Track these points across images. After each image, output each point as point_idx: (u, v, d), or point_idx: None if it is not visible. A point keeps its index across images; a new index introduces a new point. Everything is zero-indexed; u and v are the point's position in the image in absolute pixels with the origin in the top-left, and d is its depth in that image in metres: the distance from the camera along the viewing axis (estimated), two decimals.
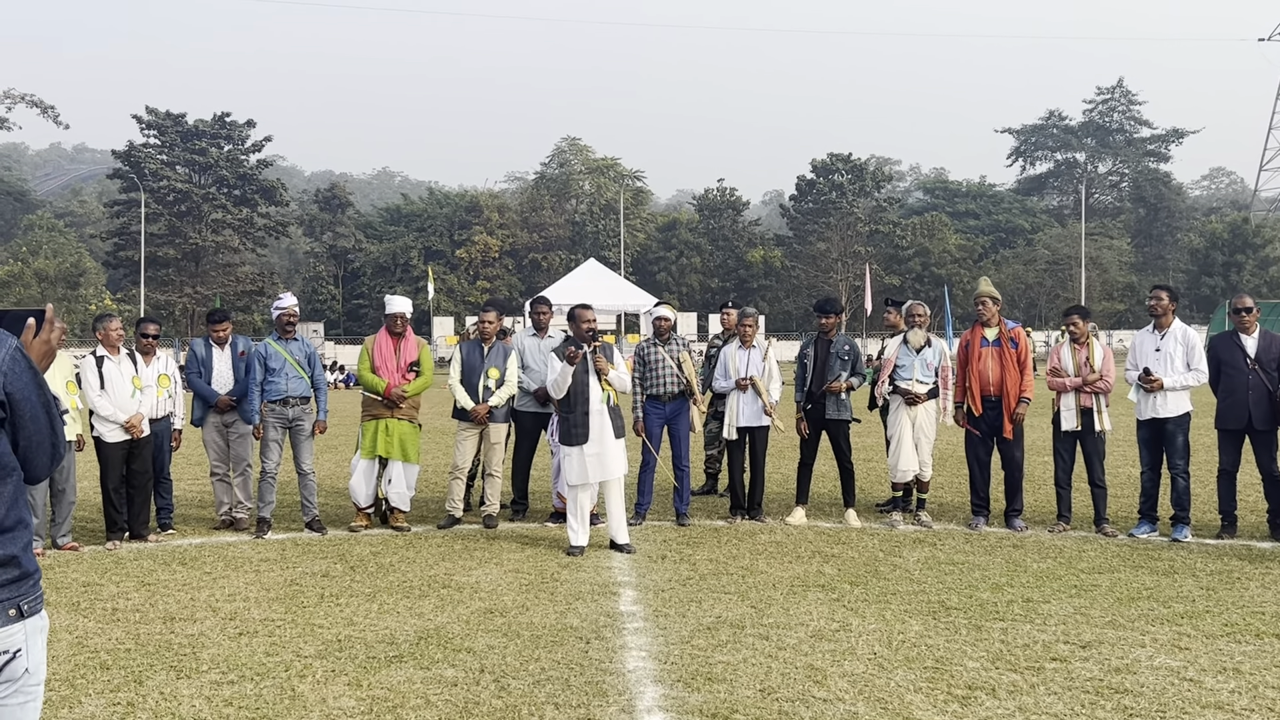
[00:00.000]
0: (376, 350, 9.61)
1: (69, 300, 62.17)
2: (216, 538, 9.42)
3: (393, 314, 9.76)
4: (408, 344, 9.72)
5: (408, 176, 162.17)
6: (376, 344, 9.66)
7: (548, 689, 5.25)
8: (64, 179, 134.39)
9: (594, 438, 8.59)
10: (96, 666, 5.69)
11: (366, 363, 9.60)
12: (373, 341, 9.68)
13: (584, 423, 8.59)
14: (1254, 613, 6.62)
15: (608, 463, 8.63)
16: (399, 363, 9.60)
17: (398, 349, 9.65)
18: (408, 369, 9.62)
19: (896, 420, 9.68)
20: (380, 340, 9.68)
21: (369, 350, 9.63)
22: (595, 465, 8.60)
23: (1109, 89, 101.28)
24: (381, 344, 9.65)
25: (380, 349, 9.62)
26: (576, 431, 8.61)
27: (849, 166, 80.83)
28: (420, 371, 9.72)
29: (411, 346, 9.73)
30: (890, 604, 6.87)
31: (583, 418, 8.60)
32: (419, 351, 9.77)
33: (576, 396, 8.62)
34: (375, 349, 9.62)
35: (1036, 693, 5.17)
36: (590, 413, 8.61)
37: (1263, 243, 77.52)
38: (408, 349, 9.69)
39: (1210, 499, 9.69)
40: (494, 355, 9.85)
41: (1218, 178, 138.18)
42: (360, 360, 9.69)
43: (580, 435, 8.59)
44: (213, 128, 71.65)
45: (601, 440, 8.60)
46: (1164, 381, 9.00)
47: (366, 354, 9.63)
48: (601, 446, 8.60)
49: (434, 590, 7.31)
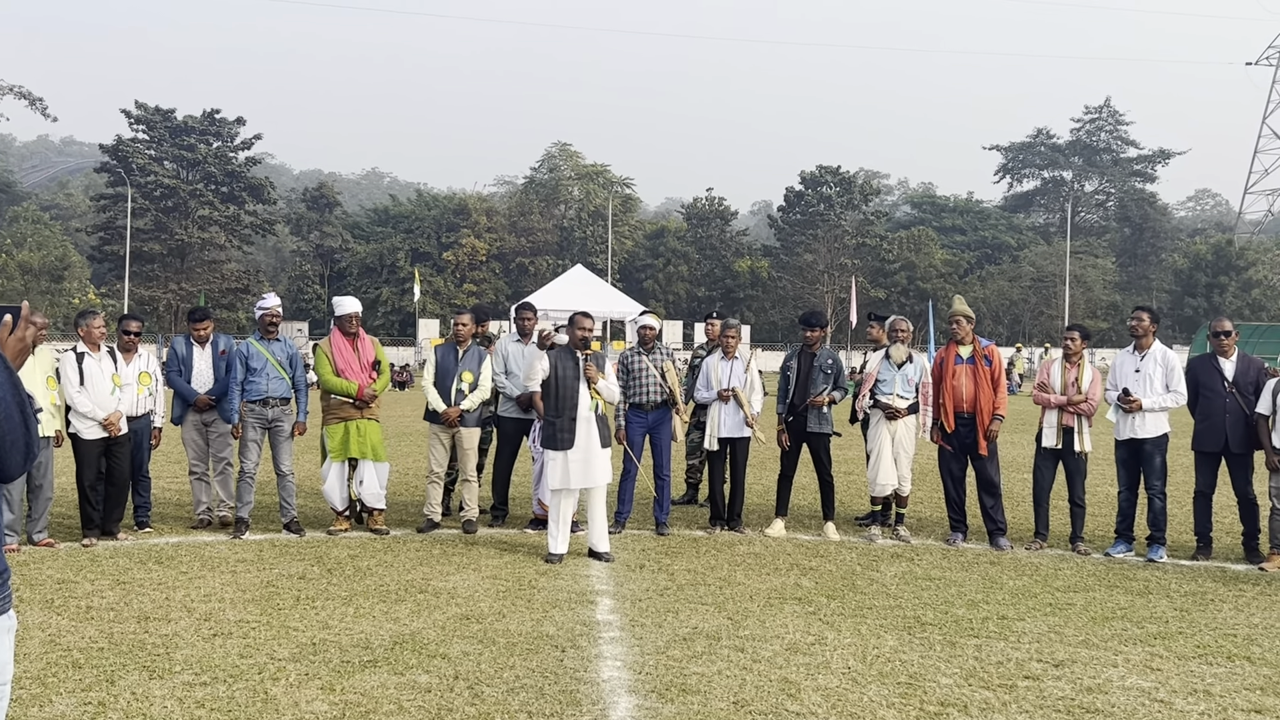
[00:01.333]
0: (336, 353, 9.55)
1: (53, 294, 61.82)
2: (193, 537, 9.38)
3: (347, 314, 9.70)
4: (363, 343, 9.70)
5: (396, 177, 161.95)
6: (334, 347, 9.58)
7: (521, 697, 5.25)
8: (50, 171, 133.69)
9: (580, 444, 8.59)
10: (69, 665, 5.66)
11: (328, 366, 9.52)
12: (329, 345, 9.60)
13: (570, 428, 8.60)
14: (1226, 635, 6.66)
15: (592, 470, 8.63)
16: (361, 363, 9.58)
17: (356, 349, 9.62)
18: (371, 368, 9.61)
19: (876, 435, 9.71)
20: (337, 343, 9.61)
21: (328, 354, 9.55)
22: (579, 471, 8.60)
23: (1097, 109, 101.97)
24: (340, 346, 9.59)
25: (340, 351, 9.56)
26: (563, 436, 8.61)
27: (837, 179, 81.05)
28: (382, 370, 9.71)
29: (368, 345, 9.71)
30: (866, 618, 6.89)
31: (570, 423, 8.60)
32: (375, 350, 9.76)
33: (565, 402, 8.63)
34: (335, 352, 9.55)
35: (1008, 710, 5.19)
36: (578, 419, 8.61)
37: (1246, 265, 77.96)
38: (365, 348, 9.67)
39: (1186, 520, 9.74)
40: (468, 359, 9.85)
41: (1203, 199, 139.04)
42: (319, 365, 9.57)
43: (566, 440, 8.59)
44: (202, 124, 71.39)
45: (587, 447, 8.61)
46: (1143, 402, 9.06)
47: (326, 358, 9.54)
48: (587, 453, 8.61)
49: (410, 595, 7.30)
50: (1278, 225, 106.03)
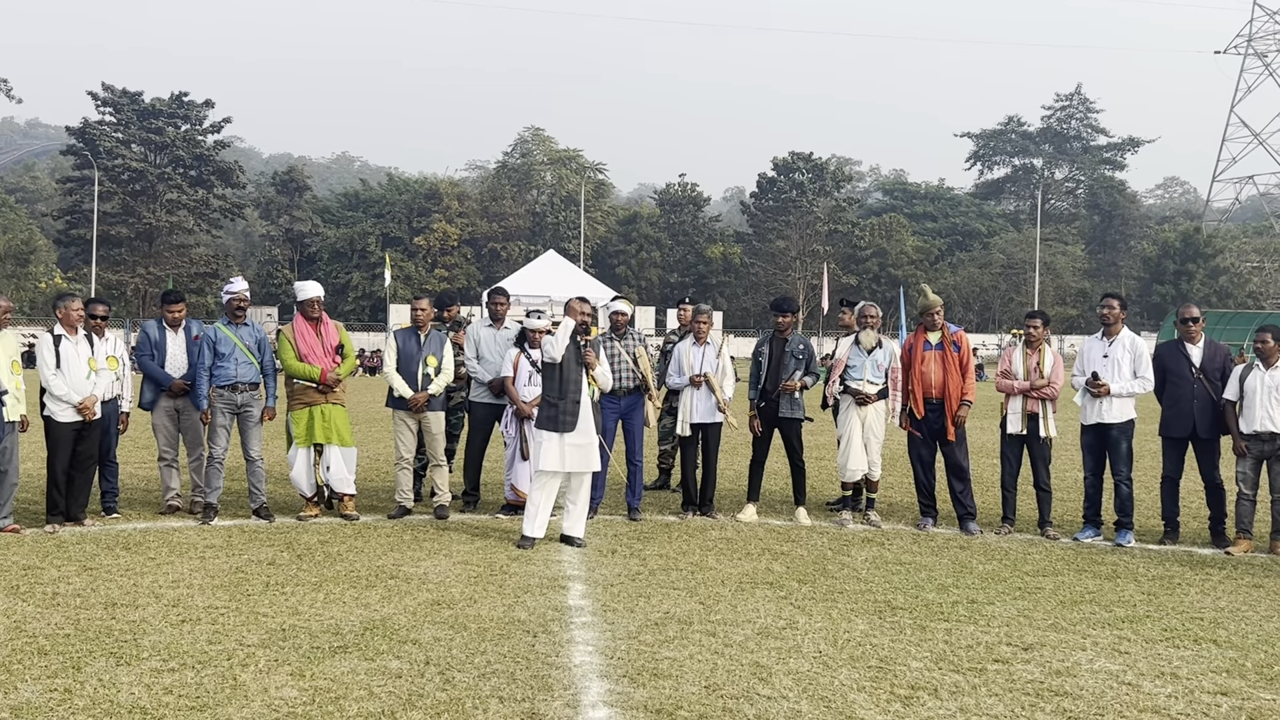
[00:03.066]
0: (299, 338, 9.48)
1: (18, 278, 61.09)
2: (161, 523, 9.30)
3: (309, 299, 9.63)
4: (327, 328, 9.64)
5: (367, 162, 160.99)
6: (297, 332, 9.52)
7: (493, 682, 5.24)
8: (16, 154, 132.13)
9: (581, 428, 8.57)
10: (34, 652, 5.60)
11: (291, 352, 9.45)
12: (292, 330, 9.54)
13: (574, 411, 8.55)
14: (1193, 618, 6.73)
15: (589, 455, 8.61)
16: (325, 347, 9.52)
17: (319, 334, 9.56)
18: (335, 352, 9.56)
19: (846, 420, 9.74)
20: (300, 328, 9.55)
21: (291, 340, 9.48)
22: (574, 455, 8.56)
23: (1067, 96, 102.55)
24: (303, 331, 9.53)
25: (303, 336, 9.50)
26: (565, 419, 8.53)
27: (810, 165, 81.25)
28: (345, 355, 9.66)
29: (331, 330, 9.66)
30: (837, 603, 6.91)
31: (573, 406, 8.56)
32: (339, 334, 9.71)
33: (568, 385, 8.58)
34: (298, 337, 9.48)
35: (978, 694, 5.22)
36: (581, 403, 8.59)
37: (1213, 252, 78.67)
38: (328, 333, 9.61)
39: (1154, 505, 9.83)
40: (431, 343, 9.80)
41: (1171, 187, 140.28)
42: (282, 350, 9.52)
43: (569, 423, 8.54)
44: (170, 107, 70.73)
45: (587, 432, 8.59)
46: (1110, 387, 9.12)
47: (289, 343, 9.47)
48: (586, 438, 8.58)
49: (381, 581, 7.26)
50: (1245, 213, 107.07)
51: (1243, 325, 49.67)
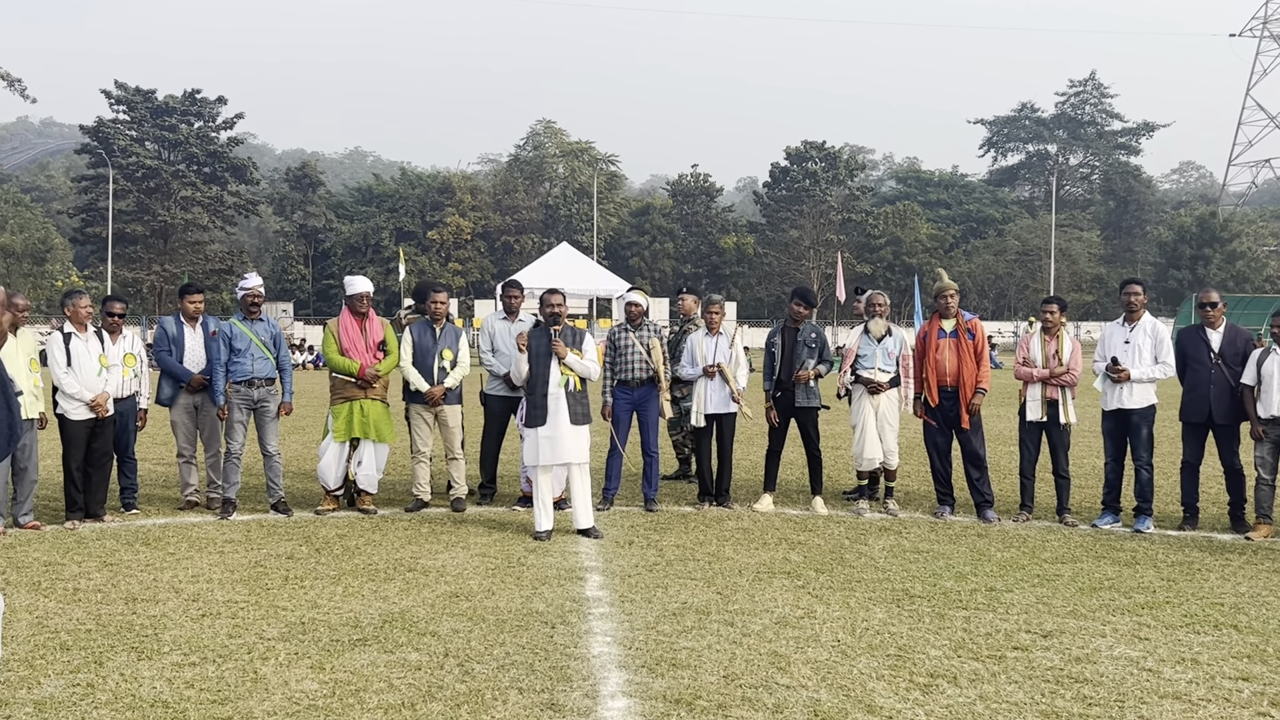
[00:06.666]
0: (343, 332, 9.54)
1: (35, 276, 61.48)
2: (181, 518, 9.35)
3: (357, 294, 9.68)
4: (372, 324, 9.67)
5: (380, 156, 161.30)
6: (342, 326, 9.58)
7: (512, 673, 5.25)
8: (31, 153, 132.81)
9: (550, 421, 8.60)
10: (56, 647, 5.64)
11: (334, 345, 9.53)
12: (337, 324, 9.60)
13: (542, 404, 8.62)
14: (1213, 604, 6.70)
15: (559, 447, 8.60)
16: (368, 343, 9.55)
17: (364, 329, 9.60)
18: (377, 348, 9.59)
19: (859, 409, 9.72)
20: (345, 322, 9.61)
21: (335, 333, 9.55)
22: (547, 448, 8.60)
23: (1081, 82, 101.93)
24: (347, 325, 9.58)
25: (346, 330, 9.56)
26: (535, 413, 8.65)
27: (823, 154, 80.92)
28: (389, 351, 9.68)
29: (376, 326, 9.69)
30: (855, 591, 6.90)
31: (541, 399, 8.62)
32: (384, 331, 9.73)
33: (537, 379, 8.65)
34: (341, 331, 9.55)
35: (997, 681, 5.21)
36: (548, 395, 8.61)
37: (1230, 237, 78.14)
38: (373, 329, 9.65)
39: (1173, 491, 9.79)
40: (446, 336, 9.82)
41: (1187, 171, 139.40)
42: (326, 344, 9.61)
43: (538, 417, 8.61)
44: (183, 104, 70.91)
45: (555, 424, 8.60)
46: (1131, 373, 9.07)
47: (333, 337, 9.55)
48: (555, 430, 8.59)
49: (399, 573, 7.29)
50: (1261, 197, 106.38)
51: (1260, 309, 49.15)
